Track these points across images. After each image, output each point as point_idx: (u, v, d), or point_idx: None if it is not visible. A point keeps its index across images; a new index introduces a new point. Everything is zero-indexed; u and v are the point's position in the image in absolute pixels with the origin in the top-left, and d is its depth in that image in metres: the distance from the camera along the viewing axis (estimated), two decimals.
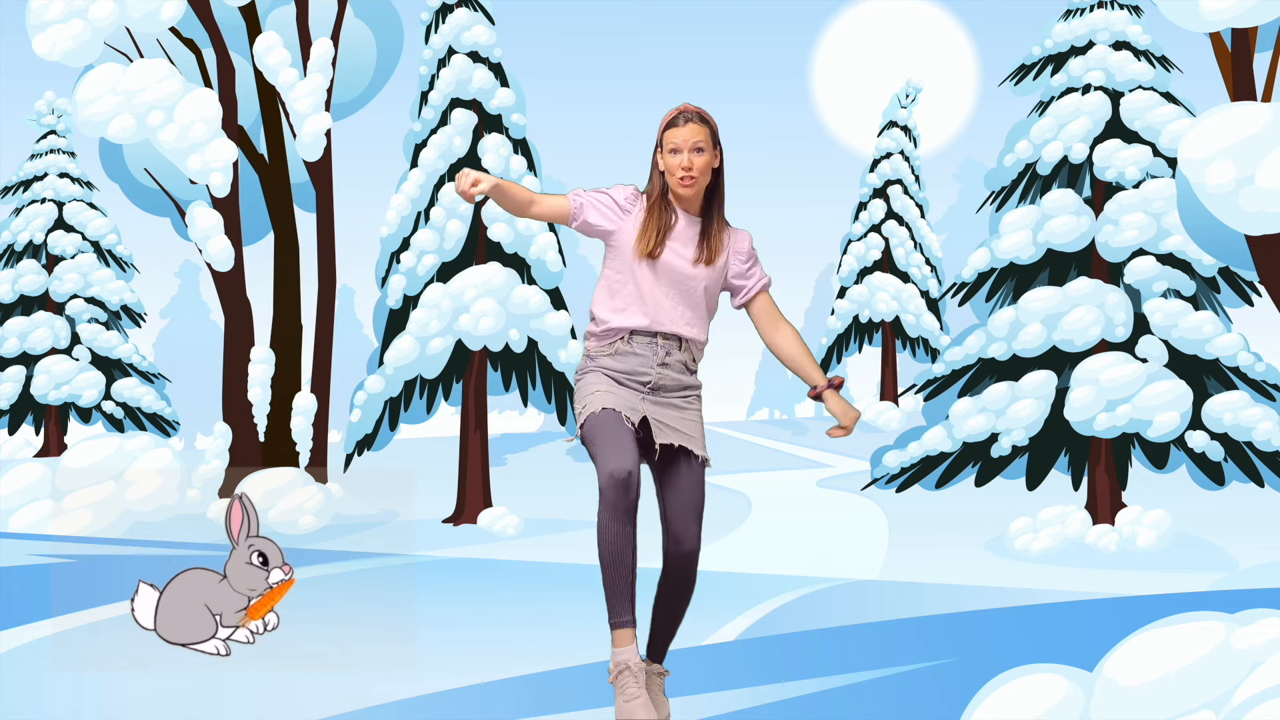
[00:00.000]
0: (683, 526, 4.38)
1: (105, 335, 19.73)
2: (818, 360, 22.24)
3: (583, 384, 4.40)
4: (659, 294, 4.41)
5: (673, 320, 4.43)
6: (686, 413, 4.46)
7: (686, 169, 4.39)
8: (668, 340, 4.43)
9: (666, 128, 4.43)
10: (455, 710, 4.94)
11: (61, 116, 20.01)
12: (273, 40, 12.23)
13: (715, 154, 4.46)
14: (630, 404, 4.34)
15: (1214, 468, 10.29)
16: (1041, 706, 3.84)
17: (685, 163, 4.39)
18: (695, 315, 4.48)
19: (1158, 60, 11.00)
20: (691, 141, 4.40)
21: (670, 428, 4.39)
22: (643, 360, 4.40)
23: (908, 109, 23.97)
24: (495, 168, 11.93)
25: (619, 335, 4.42)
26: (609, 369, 4.41)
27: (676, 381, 4.45)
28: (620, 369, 4.39)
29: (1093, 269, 10.74)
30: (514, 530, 11.55)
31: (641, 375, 4.39)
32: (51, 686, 5.31)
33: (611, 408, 4.31)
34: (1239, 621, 3.84)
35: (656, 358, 4.41)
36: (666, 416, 4.41)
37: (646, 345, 4.40)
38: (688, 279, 4.43)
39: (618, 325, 4.42)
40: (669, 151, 4.40)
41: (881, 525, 11.85)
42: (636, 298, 4.42)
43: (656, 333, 4.40)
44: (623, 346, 4.40)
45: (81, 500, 10.91)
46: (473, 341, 11.70)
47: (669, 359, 4.43)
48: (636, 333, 4.40)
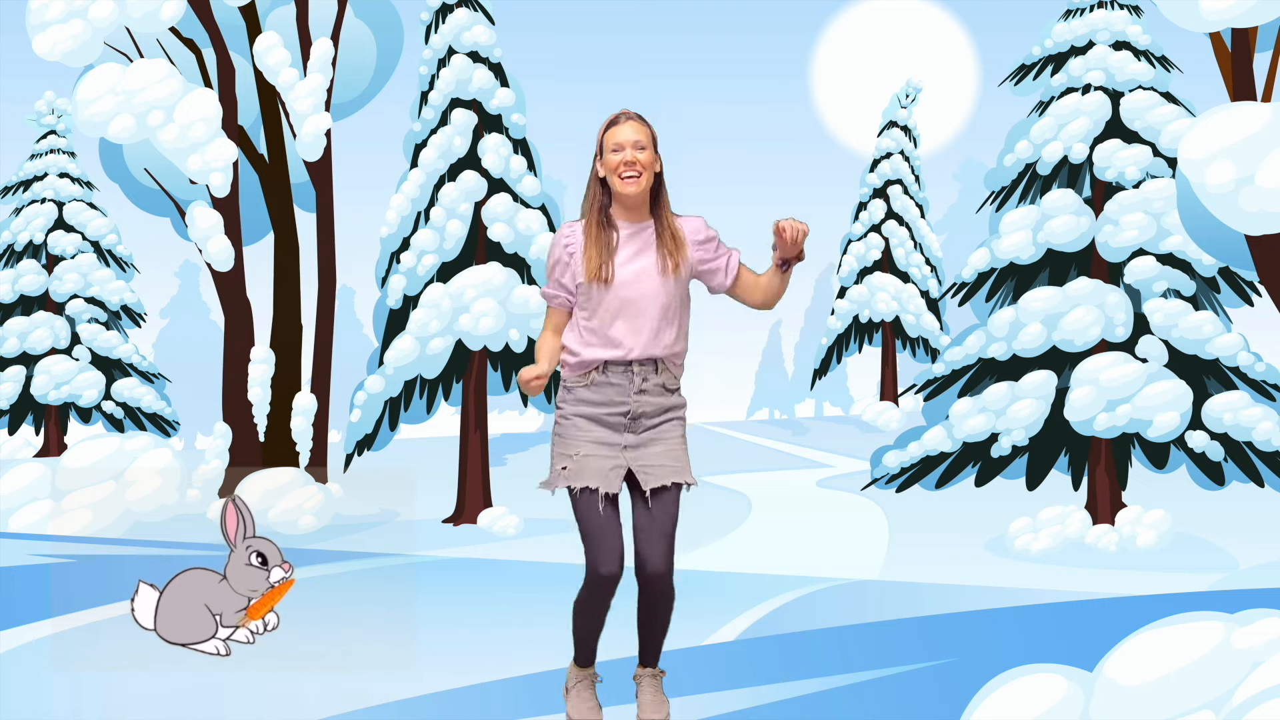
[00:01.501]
0: (649, 549, 4.38)
1: (105, 335, 19.74)
2: (818, 361, 21.86)
3: (561, 434, 4.40)
4: (628, 320, 4.36)
5: (645, 345, 4.38)
6: (668, 442, 4.43)
7: (629, 163, 4.34)
8: (643, 366, 4.40)
9: (605, 130, 4.38)
10: (455, 710, 4.94)
11: (61, 116, 20.01)
12: (273, 40, 12.23)
13: (656, 157, 4.43)
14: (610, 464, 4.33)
15: (1214, 468, 10.29)
16: (1041, 706, 3.84)
17: (629, 158, 4.34)
18: (669, 328, 4.42)
19: (1158, 60, 11.00)
20: (632, 139, 4.35)
21: (655, 467, 4.38)
22: (619, 390, 4.37)
23: (908, 109, 23.97)
24: (495, 168, 11.92)
25: (593, 367, 4.39)
26: (586, 402, 4.38)
27: (656, 405, 4.42)
28: (597, 400, 4.37)
29: (1093, 269, 10.74)
30: (514, 530, 11.55)
31: (619, 406, 4.37)
32: (51, 686, 5.31)
33: (593, 488, 4.31)
34: (1239, 621, 3.84)
35: (633, 386, 4.38)
36: (649, 456, 4.39)
37: (621, 375, 4.37)
38: (654, 294, 4.37)
39: (591, 358, 4.39)
40: (610, 151, 4.34)
41: (881, 525, 11.85)
42: (606, 329, 4.37)
43: (630, 361, 4.39)
44: (598, 377, 4.38)
45: (81, 500, 10.91)
46: (473, 341, 11.70)
47: (646, 384, 4.39)
48: (611, 364, 4.37)
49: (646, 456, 4.38)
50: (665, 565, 4.37)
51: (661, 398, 4.42)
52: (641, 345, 4.38)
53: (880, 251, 23.44)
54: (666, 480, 4.35)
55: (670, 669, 4.96)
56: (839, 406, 35.02)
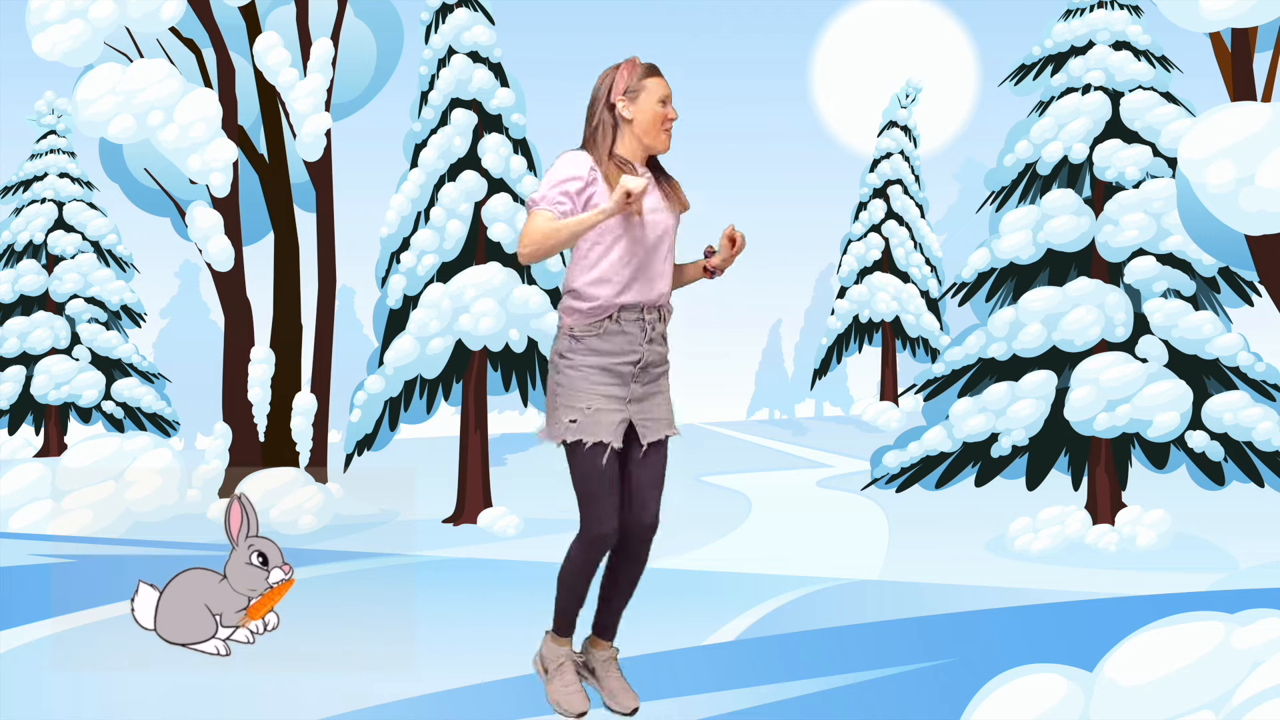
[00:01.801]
0: (646, 496, 4.38)
1: (105, 335, 19.73)
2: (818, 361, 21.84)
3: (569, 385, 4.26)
4: (648, 260, 4.29)
5: (659, 288, 4.33)
6: (665, 394, 4.42)
7: (674, 119, 4.32)
8: (653, 313, 4.36)
9: (645, 75, 4.26)
10: (455, 710, 4.94)
11: (61, 116, 20.00)
12: (273, 40, 12.23)
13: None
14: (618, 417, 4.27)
15: (1214, 468, 10.29)
16: (1041, 706, 3.84)
17: (674, 114, 4.31)
18: (669, 274, 4.41)
19: (1158, 60, 11.00)
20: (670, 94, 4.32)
21: (654, 420, 4.36)
22: (631, 339, 4.28)
23: (908, 109, 23.96)
24: (495, 168, 11.93)
25: (607, 313, 4.26)
26: (597, 351, 4.25)
27: (659, 355, 4.39)
28: (608, 349, 4.25)
29: (1093, 269, 10.74)
30: (514, 530, 11.55)
31: (631, 355, 4.28)
32: (51, 686, 5.31)
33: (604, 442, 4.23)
34: (1239, 621, 3.84)
35: (644, 335, 4.31)
36: (649, 410, 4.36)
37: (635, 323, 4.28)
38: (667, 234, 4.36)
39: (607, 302, 4.25)
40: (657, 101, 4.25)
41: (881, 525, 11.85)
42: (626, 269, 4.25)
43: (644, 306, 4.32)
44: (610, 326, 4.25)
45: (81, 500, 10.91)
46: (473, 341, 11.70)
47: (654, 332, 4.35)
48: (626, 308, 4.27)
49: (648, 409, 4.34)
50: (656, 519, 4.40)
51: (662, 347, 4.40)
52: (657, 289, 4.33)
53: (880, 251, 23.43)
54: (663, 433, 4.37)
55: (670, 669, 4.96)
56: (839, 406, 35.00)
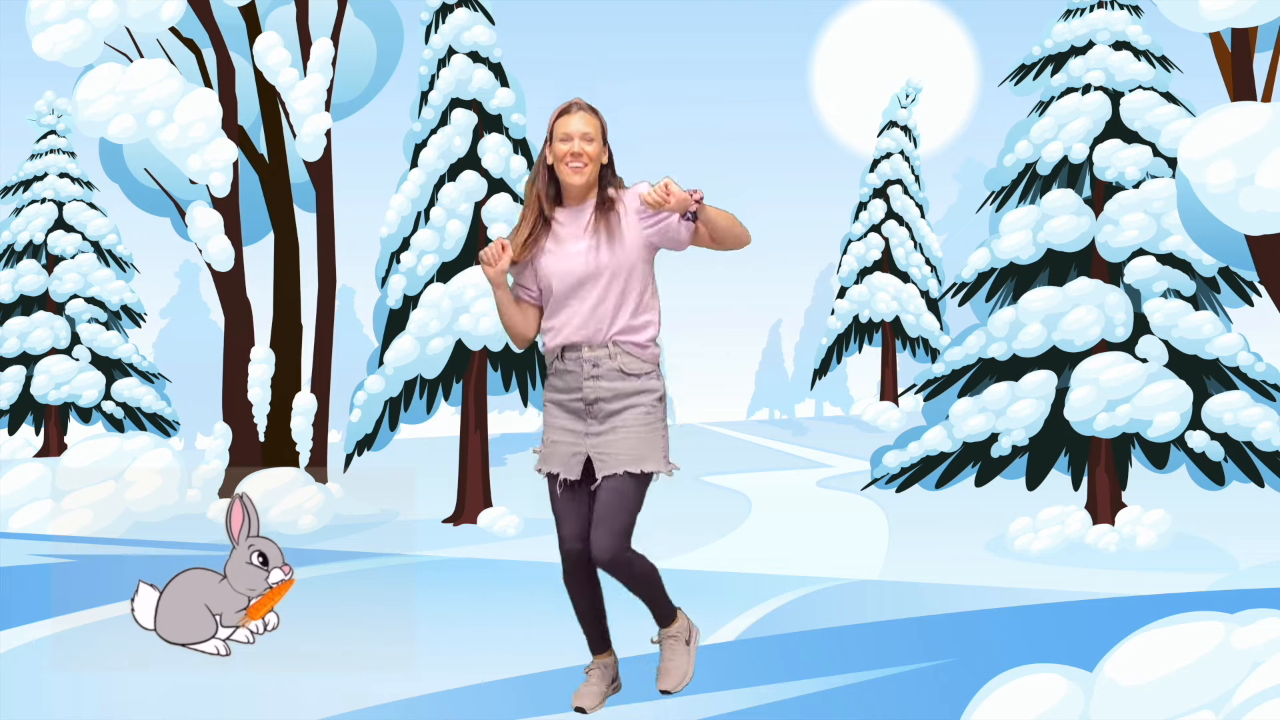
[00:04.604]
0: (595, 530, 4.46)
1: (105, 335, 19.73)
2: (818, 361, 21.84)
3: (544, 419, 4.61)
4: (570, 304, 4.43)
5: (597, 329, 4.42)
6: (628, 429, 4.44)
7: (576, 154, 4.39)
8: (595, 351, 4.43)
9: (556, 118, 4.46)
10: (455, 710, 4.94)
11: (61, 116, 20.01)
12: (273, 40, 12.23)
13: (605, 149, 4.47)
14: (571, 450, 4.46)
15: (1214, 468, 10.29)
16: (1041, 706, 3.84)
17: (576, 148, 4.40)
18: (627, 309, 4.44)
19: (1158, 60, 11.00)
20: (581, 130, 4.41)
21: (609, 455, 4.44)
22: (575, 377, 4.46)
23: (908, 109, 23.97)
24: (495, 168, 11.93)
25: (554, 354, 4.50)
26: (554, 389, 4.52)
27: (613, 391, 4.44)
28: (561, 386, 4.50)
29: (1093, 269, 10.74)
30: (514, 530, 11.55)
31: (576, 392, 4.47)
32: (51, 686, 5.31)
33: (554, 472, 4.49)
34: (1239, 621, 3.84)
35: (584, 373, 4.44)
36: (605, 444, 4.44)
37: (575, 361, 4.45)
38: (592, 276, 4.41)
39: (550, 344, 4.51)
40: (558, 140, 4.41)
41: (881, 525, 11.85)
42: (554, 314, 4.48)
43: (583, 345, 4.43)
44: (559, 365, 4.49)
45: (81, 500, 10.91)
46: (473, 341, 11.70)
47: (598, 370, 4.43)
48: (568, 348, 4.47)
49: (603, 444, 4.45)
50: (604, 553, 4.44)
51: (620, 382, 4.43)
52: (589, 329, 4.43)
53: (880, 251, 23.43)
54: (616, 469, 4.41)
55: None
56: (839, 406, 35.00)
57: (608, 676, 4.76)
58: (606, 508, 4.42)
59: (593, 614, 4.68)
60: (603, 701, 4.70)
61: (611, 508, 4.41)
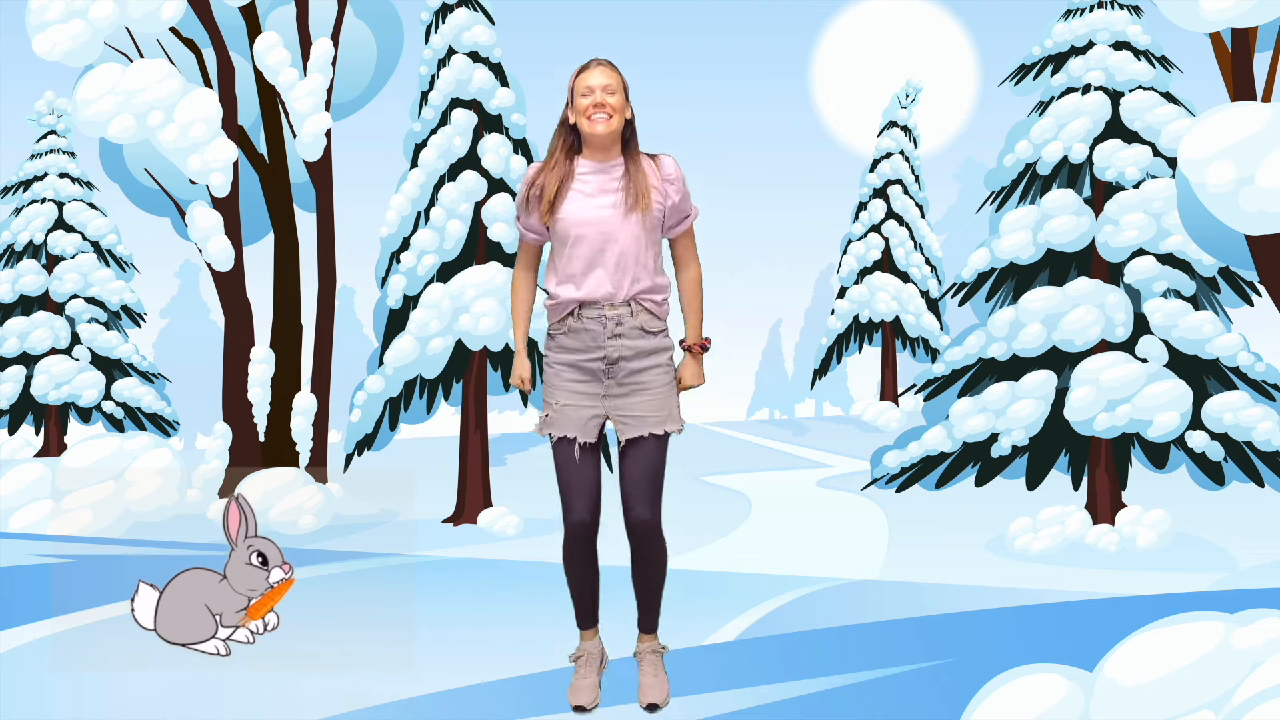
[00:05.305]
0: (630, 492, 4.39)
1: (105, 335, 19.73)
2: (818, 361, 21.90)
3: (547, 381, 4.41)
4: (593, 260, 4.32)
5: (619, 285, 4.34)
6: (651, 390, 4.39)
7: (599, 105, 4.34)
8: (617, 309, 4.37)
9: (576, 76, 4.40)
10: (455, 710, 4.94)
11: (61, 116, 20.01)
12: (273, 40, 12.23)
13: (627, 104, 4.44)
14: (589, 414, 4.34)
15: (1214, 468, 10.29)
16: (1041, 706, 3.84)
17: (599, 99, 4.34)
18: (643, 267, 4.38)
19: (1158, 60, 11.00)
20: (602, 84, 4.36)
21: (634, 419, 4.35)
22: (594, 336, 4.32)
23: (908, 109, 23.97)
24: (495, 168, 11.93)
25: (568, 311, 4.35)
26: (566, 349, 4.35)
27: (635, 349, 4.36)
28: (576, 346, 4.34)
29: (1093, 269, 10.74)
30: (514, 530, 11.55)
31: (596, 352, 4.33)
32: (51, 686, 5.31)
33: (569, 437, 4.33)
34: (1239, 621, 3.84)
35: (607, 331, 4.34)
36: (627, 407, 4.35)
37: (595, 320, 4.32)
38: (616, 234, 4.34)
39: (565, 299, 4.35)
40: (580, 96, 4.36)
41: (881, 525, 11.85)
42: (572, 269, 4.34)
43: (604, 302, 4.35)
44: (574, 323, 4.35)
45: (81, 500, 10.91)
46: (473, 341, 11.70)
47: (621, 329, 4.36)
48: (585, 305, 4.34)
49: (626, 406, 4.35)
50: (649, 511, 4.37)
51: (642, 340, 4.37)
52: (616, 287, 4.35)
53: (880, 251, 23.44)
54: (644, 431, 4.34)
55: (671, 669, 4.96)
56: (839, 406, 35.02)
57: (595, 662, 4.71)
58: (644, 473, 4.35)
59: (590, 588, 4.61)
60: (598, 694, 4.67)
61: (649, 474, 4.35)
